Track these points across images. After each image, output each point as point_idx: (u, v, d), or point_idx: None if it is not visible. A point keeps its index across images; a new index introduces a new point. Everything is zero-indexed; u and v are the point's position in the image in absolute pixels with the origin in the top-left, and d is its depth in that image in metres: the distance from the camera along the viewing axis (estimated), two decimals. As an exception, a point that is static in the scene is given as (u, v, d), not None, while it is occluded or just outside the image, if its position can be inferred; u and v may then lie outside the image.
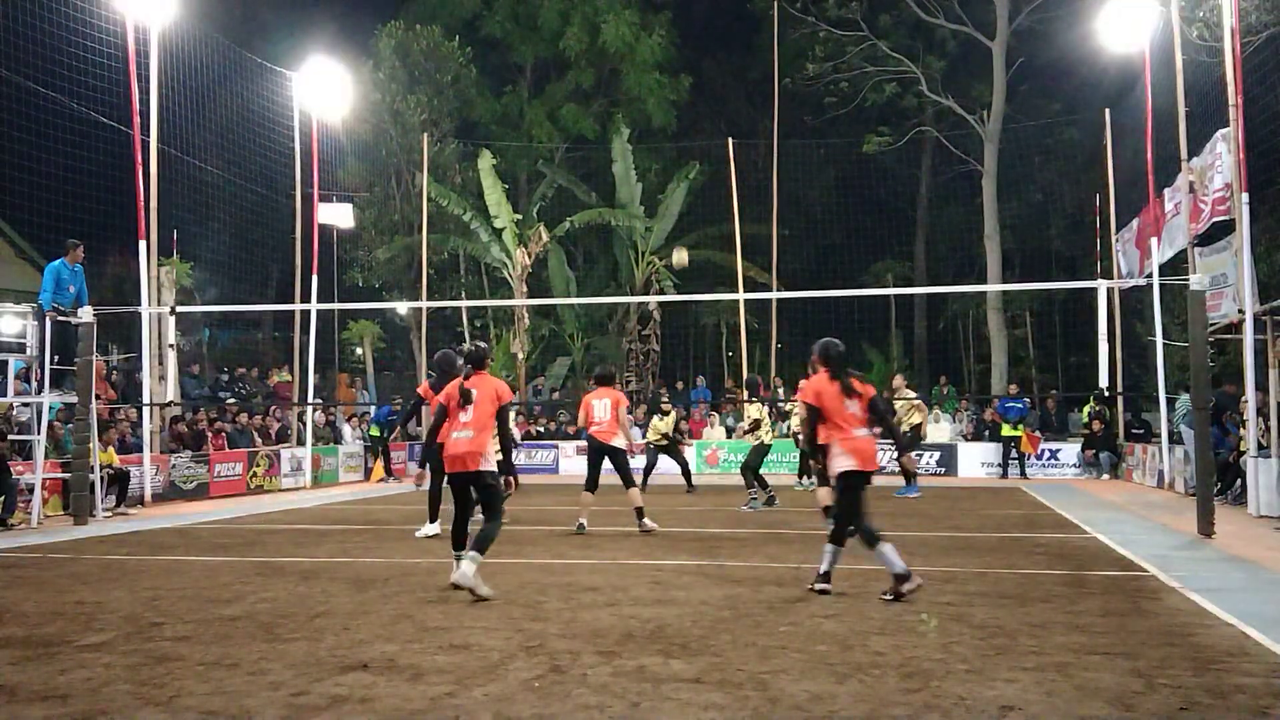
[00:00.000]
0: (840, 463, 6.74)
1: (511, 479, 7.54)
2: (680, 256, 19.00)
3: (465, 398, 6.94)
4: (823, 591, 6.76)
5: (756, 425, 13.58)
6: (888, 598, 6.56)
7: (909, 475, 13.78)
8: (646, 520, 10.38)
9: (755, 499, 13.24)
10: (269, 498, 16.39)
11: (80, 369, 12.38)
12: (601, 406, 10.37)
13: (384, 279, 25.98)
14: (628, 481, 10.50)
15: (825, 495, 9.68)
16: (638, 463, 15.21)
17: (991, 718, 4.09)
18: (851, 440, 6.74)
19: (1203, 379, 10.30)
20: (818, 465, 7.76)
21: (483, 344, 7.55)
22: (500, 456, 7.26)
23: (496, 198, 24.88)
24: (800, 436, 15.83)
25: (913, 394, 17.13)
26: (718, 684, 4.57)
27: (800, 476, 16.67)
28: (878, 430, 7.16)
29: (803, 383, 7.21)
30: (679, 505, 12.96)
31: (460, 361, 7.77)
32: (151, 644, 5.45)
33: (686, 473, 15.73)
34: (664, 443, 15.92)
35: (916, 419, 16.15)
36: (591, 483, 10.45)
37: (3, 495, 11.73)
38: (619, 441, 10.41)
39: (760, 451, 13.61)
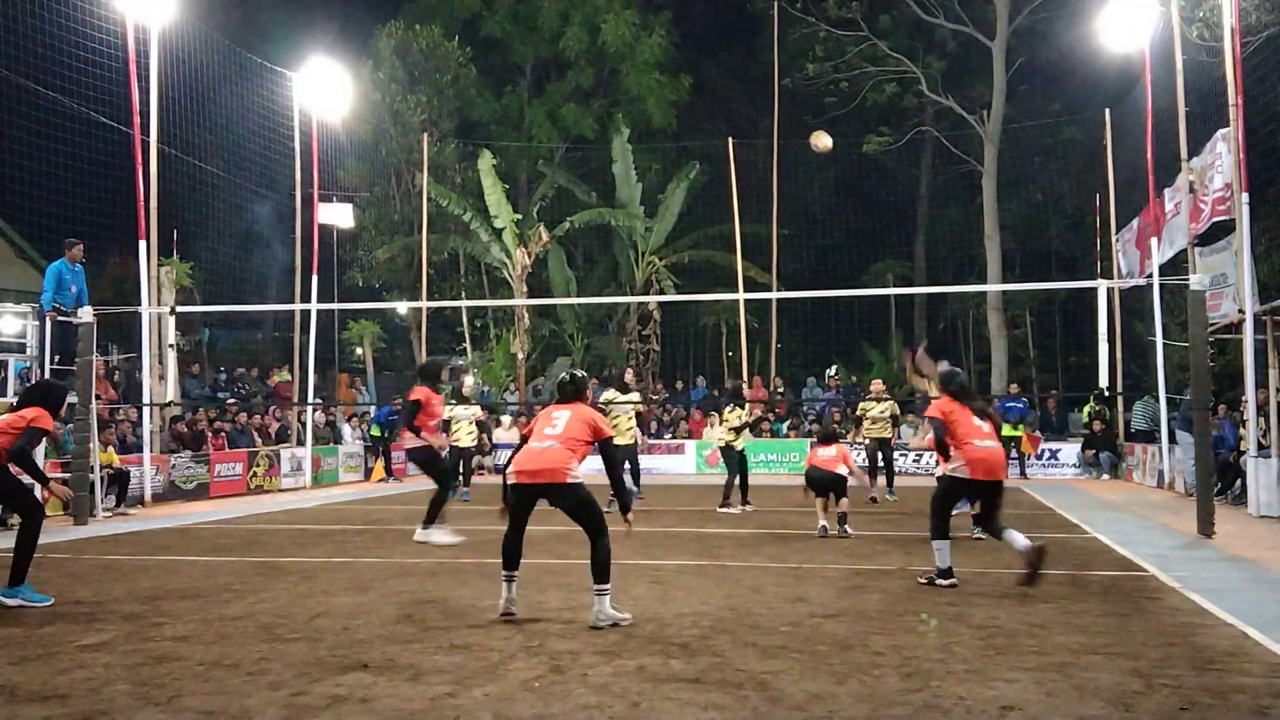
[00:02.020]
0: (949, 468, 7.63)
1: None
2: (822, 141, 16.92)
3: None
4: (951, 585, 7.29)
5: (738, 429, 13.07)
6: (922, 580, 7.39)
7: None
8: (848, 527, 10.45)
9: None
10: (269, 498, 16.38)
11: (80, 369, 12.38)
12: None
13: (384, 279, 25.98)
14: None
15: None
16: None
17: (991, 718, 4.09)
18: (971, 449, 7.51)
19: (1203, 379, 10.30)
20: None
21: (581, 373, 6.60)
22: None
23: (496, 198, 24.88)
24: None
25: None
26: (718, 684, 4.57)
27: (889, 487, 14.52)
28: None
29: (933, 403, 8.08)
30: (680, 505, 12.95)
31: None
32: (151, 644, 5.45)
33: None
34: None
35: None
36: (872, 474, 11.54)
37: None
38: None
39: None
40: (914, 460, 20.91)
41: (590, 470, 6.05)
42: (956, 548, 9.34)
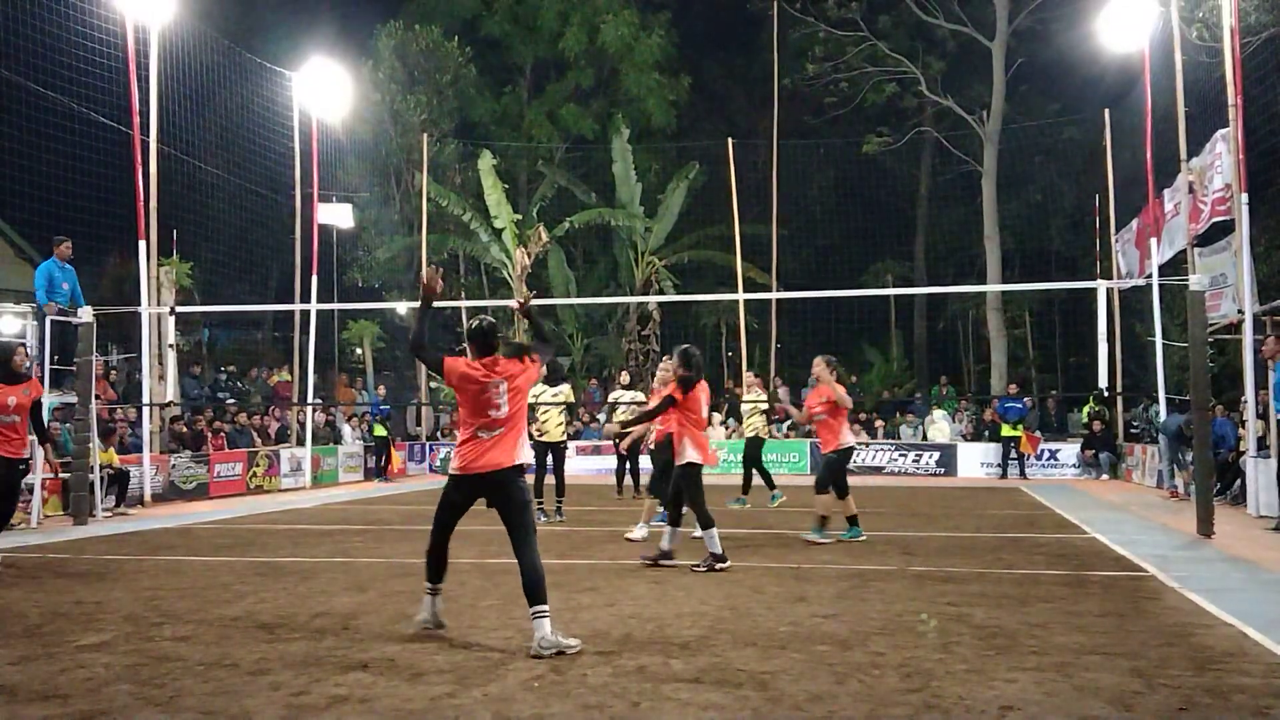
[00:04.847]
0: (689, 454, 8.10)
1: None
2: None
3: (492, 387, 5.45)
4: (657, 565, 8.06)
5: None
6: (700, 569, 7.89)
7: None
8: None
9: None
10: (269, 498, 16.38)
11: (80, 369, 12.37)
12: None
13: (384, 279, 25.97)
14: None
15: (825, 503, 9.67)
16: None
17: (991, 718, 4.09)
18: (699, 436, 8.17)
19: (1202, 379, 10.29)
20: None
21: (490, 320, 5.71)
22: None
23: (496, 198, 24.89)
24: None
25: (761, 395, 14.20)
26: (718, 684, 4.57)
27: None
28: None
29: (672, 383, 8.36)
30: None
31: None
32: (151, 644, 5.45)
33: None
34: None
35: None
36: None
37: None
38: None
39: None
40: (913, 460, 20.94)
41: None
42: (954, 546, 9.35)
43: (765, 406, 13.98)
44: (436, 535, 5.65)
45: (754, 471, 13.55)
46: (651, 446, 10.27)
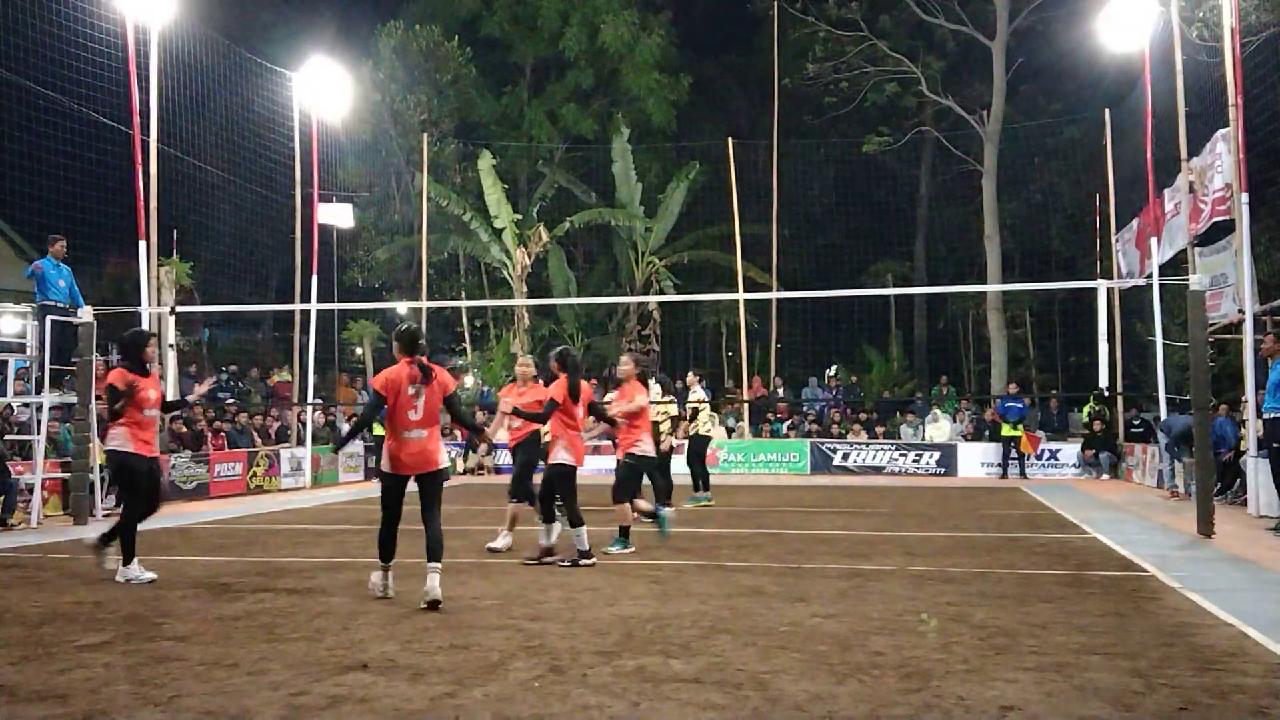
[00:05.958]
0: (561, 455, 8.19)
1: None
2: None
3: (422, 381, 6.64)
4: (542, 562, 8.18)
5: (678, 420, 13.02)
6: (565, 564, 8.11)
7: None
8: None
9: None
10: (269, 498, 16.38)
11: (80, 369, 12.37)
12: None
13: (384, 279, 25.98)
14: None
15: (642, 505, 9.36)
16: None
17: (991, 718, 4.09)
18: (573, 439, 8.26)
19: (1203, 379, 10.28)
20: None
21: (414, 324, 7.07)
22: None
23: (496, 198, 24.91)
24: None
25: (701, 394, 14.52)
26: (718, 684, 4.57)
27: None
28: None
29: (554, 385, 8.45)
30: (679, 504, 12.91)
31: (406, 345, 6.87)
32: (151, 644, 5.44)
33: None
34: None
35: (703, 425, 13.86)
36: None
37: (3, 495, 11.72)
38: None
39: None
40: (913, 460, 20.94)
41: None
42: (954, 546, 9.34)
43: (704, 408, 14.19)
44: (388, 527, 6.73)
45: (702, 468, 13.77)
46: (511, 446, 9.74)
